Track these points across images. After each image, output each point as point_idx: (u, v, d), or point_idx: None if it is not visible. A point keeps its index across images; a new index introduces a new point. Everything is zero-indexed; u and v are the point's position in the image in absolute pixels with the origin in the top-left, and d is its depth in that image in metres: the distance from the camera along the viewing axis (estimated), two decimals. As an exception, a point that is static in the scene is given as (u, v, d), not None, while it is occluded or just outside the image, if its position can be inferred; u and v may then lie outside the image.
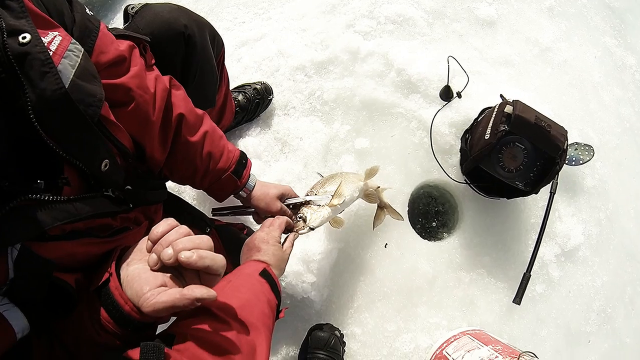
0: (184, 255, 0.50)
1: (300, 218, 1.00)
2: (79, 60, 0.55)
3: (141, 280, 0.51)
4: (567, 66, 1.72)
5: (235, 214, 1.08)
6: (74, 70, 0.54)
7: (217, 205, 1.09)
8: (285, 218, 0.95)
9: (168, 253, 0.51)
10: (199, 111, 0.87)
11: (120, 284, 0.53)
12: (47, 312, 0.55)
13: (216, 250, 1.06)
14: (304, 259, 1.24)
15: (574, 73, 1.72)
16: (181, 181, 0.93)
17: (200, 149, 0.85)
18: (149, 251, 0.54)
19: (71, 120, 0.53)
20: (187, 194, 1.37)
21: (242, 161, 0.95)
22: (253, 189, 0.97)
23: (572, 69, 1.72)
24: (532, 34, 1.72)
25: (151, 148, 0.78)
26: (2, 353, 0.48)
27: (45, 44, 0.51)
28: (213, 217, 1.10)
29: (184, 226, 0.55)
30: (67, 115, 0.53)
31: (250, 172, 0.97)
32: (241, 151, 0.96)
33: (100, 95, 0.58)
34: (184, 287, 0.52)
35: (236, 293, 0.67)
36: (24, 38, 0.48)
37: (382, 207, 1.27)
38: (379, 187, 1.24)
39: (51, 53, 0.51)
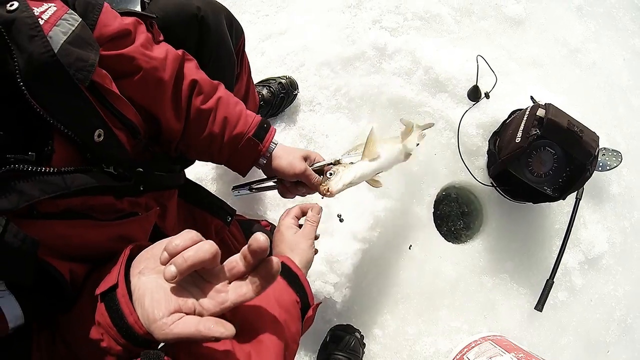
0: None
1: (330, 175, 0.87)
2: (73, 29, 0.54)
3: (153, 302, 0.46)
4: (595, 68, 1.68)
5: (257, 189, 0.97)
6: (65, 37, 0.53)
7: (237, 193, 1.00)
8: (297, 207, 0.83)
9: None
10: (214, 81, 0.83)
11: (129, 293, 0.49)
12: (44, 304, 0.52)
13: (238, 242, 1.04)
14: (328, 260, 1.22)
15: (603, 75, 1.68)
16: (199, 155, 0.87)
17: (214, 114, 0.80)
18: (164, 263, 0.46)
19: (59, 84, 0.52)
20: (209, 188, 1.35)
21: (264, 125, 0.86)
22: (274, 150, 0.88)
23: (601, 71, 1.68)
24: (560, 33, 1.68)
25: (165, 116, 0.75)
26: None
27: (37, 14, 0.51)
28: (236, 212, 1.05)
29: (209, 241, 0.47)
30: (55, 80, 0.51)
31: (274, 138, 0.87)
32: (263, 117, 0.88)
33: (93, 60, 0.56)
34: (199, 304, 0.46)
35: None
36: (11, 6, 0.48)
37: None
38: (418, 144, 1.05)
39: (43, 22, 0.51)
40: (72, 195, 0.53)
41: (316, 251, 0.80)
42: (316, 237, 0.80)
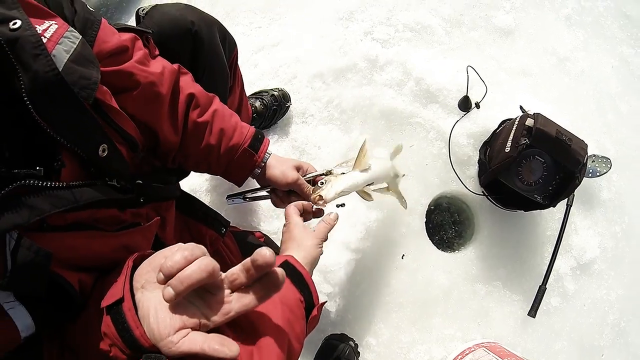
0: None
1: (322, 184, 0.89)
2: (75, 46, 0.55)
3: (158, 319, 0.46)
4: (584, 76, 1.71)
5: (251, 199, 0.99)
6: (68, 55, 0.53)
7: (232, 202, 1.02)
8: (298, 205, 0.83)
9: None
10: (209, 94, 0.86)
11: (135, 306, 0.49)
12: (54, 313, 0.53)
13: (232, 253, 1.05)
14: (322, 270, 1.23)
15: (592, 83, 1.70)
16: (197, 166, 0.89)
17: (211, 127, 0.83)
18: (161, 284, 0.46)
19: (65, 102, 0.53)
20: (203, 200, 1.36)
21: (258, 136, 0.89)
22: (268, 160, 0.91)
23: (590, 79, 1.71)
24: (549, 43, 1.71)
25: (162, 130, 0.77)
26: (6, 351, 0.47)
27: (40, 32, 0.51)
28: (230, 223, 1.06)
29: (206, 258, 0.45)
30: (60, 98, 0.52)
31: (268, 149, 0.90)
32: (257, 128, 0.91)
33: (96, 78, 0.57)
34: (204, 316, 0.47)
35: None
36: (14, 24, 0.48)
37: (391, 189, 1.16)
38: (404, 174, 1.16)
39: (46, 40, 0.51)
40: (80, 208, 0.54)
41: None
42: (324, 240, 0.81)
